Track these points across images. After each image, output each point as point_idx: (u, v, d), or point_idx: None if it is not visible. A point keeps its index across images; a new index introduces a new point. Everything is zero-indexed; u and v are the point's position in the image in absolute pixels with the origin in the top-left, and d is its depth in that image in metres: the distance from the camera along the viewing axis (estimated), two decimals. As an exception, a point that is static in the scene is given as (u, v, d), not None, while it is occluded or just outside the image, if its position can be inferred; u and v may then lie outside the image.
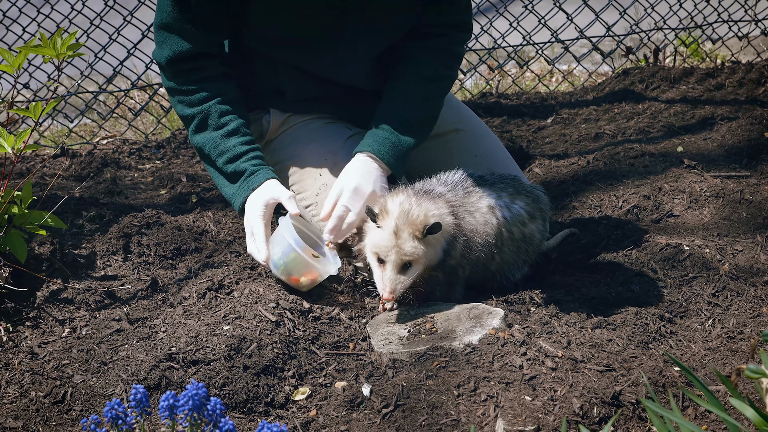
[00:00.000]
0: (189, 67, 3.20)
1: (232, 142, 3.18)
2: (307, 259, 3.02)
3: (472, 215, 3.10)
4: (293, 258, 3.03)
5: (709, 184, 3.74)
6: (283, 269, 3.05)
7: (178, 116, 3.28)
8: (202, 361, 2.79)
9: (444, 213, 3.01)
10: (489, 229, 3.11)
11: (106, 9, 4.70)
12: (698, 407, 2.66)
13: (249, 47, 3.31)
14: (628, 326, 2.94)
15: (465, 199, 3.11)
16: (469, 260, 3.11)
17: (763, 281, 3.20)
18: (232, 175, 3.18)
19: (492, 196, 3.15)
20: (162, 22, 3.17)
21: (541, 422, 2.54)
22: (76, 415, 2.75)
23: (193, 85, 3.21)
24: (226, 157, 3.18)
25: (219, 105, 3.20)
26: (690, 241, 3.41)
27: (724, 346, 2.91)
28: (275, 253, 3.05)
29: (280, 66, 3.33)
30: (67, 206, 3.67)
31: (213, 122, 3.19)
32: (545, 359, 2.74)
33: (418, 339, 2.88)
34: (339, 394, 2.77)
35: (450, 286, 3.12)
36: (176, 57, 3.18)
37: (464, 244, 3.07)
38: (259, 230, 3.08)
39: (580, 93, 5.12)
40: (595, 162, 4.06)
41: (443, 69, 3.32)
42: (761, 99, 4.70)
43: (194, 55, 3.19)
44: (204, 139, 3.20)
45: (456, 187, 3.13)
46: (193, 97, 3.21)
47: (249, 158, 3.18)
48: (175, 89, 3.23)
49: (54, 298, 3.19)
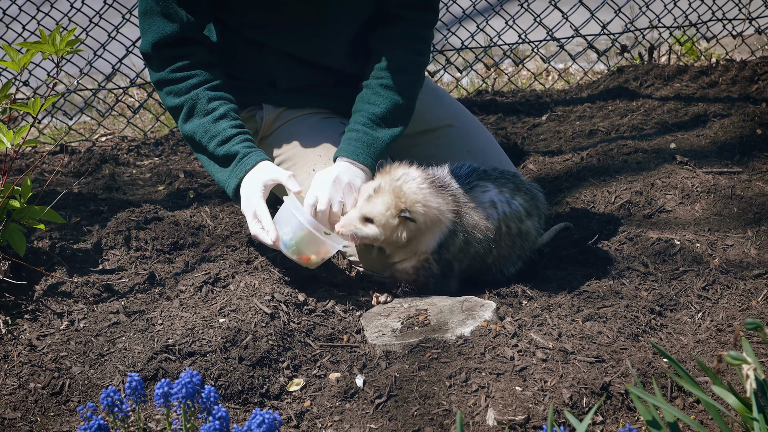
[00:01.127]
0: (175, 53, 3.22)
1: (222, 126, 3.20)
2: (319, 236, 3.03)
3: (475, 210, 3.14)
4: (305, 235, 3.03)
5: (701, 179, 3.78)
6: (295, 248, 3.06)
7: (168, 110, 3.29)
8: (198, 353, 2.83)
9: (445, 209, 3.06)
10: (490, 224, 3.15)
11: (106, 7, 4.74)
12: (686, 398, 2.70)
13: (236, 34, 3.33)
14: (619, 319, 2.98)
15: (471, 194, 3.15)
16: (468, 254, 3.15)
17: (752, 275, 3.25)
18: (224, 158, 3.19)
19: (495, 191, 3.19)
20: (145, 7, 3.19)
21: (531, 412, 2.59)
22: (73, 406, 2.79)
23: (181, 72, 3.22)
24: (217, 140, 3.18)
25: (207, 91, 3.22)
26: (681, 236, 3.45)
27: (713, 338, 2.95)
28: (285, 233, 3.05)
29: (268, 52, 3.35)
30: (66, 201, 3.72)
31: (202, 108, 3.21)
32: (536, 351, 2.79)
33: (411, 331, 2.92)
34: (333, 385, 2.81)
35: (445, 279, 3.16)
36: (161, 41, 3.19)
37: (464, 239, 3.12)
38: (263, 211, 3.07)
39: (575, 91, 5.16)
40: (589, 158, 4.10)
41: (414, 56, 3.34)
42: (754, 96, 4.73)
43: (180, 39, 3.20)
44: (194, 126, 3.22)
45: (464, 181, 3.17)
46: (181, 85, 3.22)
47: (240, 140, 3.19)
48: (162, 80, 3.24)
49: (52, 291, 3.23)
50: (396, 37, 3.32)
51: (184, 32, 3.20)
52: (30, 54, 3.10)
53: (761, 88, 4.82)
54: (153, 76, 3.28)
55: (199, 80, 3.23)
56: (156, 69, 3.25)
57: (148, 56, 3.26)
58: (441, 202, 3.06)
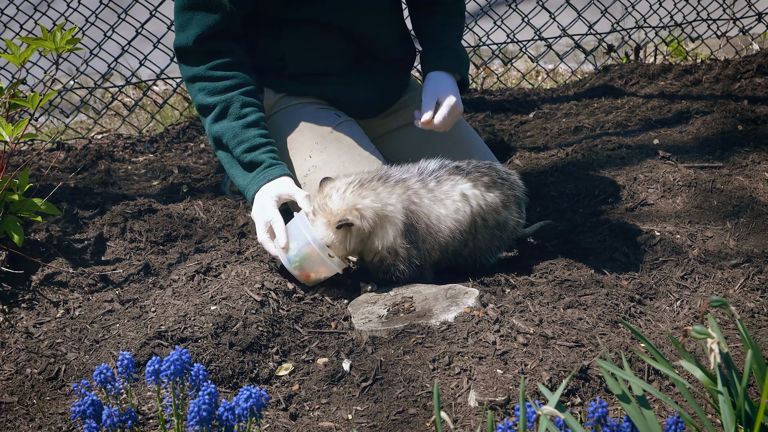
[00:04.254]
0: (216, 48, 3.30)
1: (252, 133, 3.28)
2: (323, 257, 3.13)
3: (442, 202, 3.21)
4: (309, 253, 3.13)
5: (682, 174, 3.87)
6: (297, 264, 3.15)
7: (197, 106, 3.35)
8: (190, 339, 2.92)
9: (389, 201, 3.14)
10: (460, 216, 3.23)
11: (102, 7, 4.82)
12: (663, 380, 2.79)
13: (261, 15, 3.41)
14: (599, 306, 3.07)
15: (437, 187, 3.23)
16: (437, 246, 3.24)
17: (730, 265, 3.33)
18: (249, 164, 3.28)
19: (467, 185, 3.26)
20: (185, 2, 3.26)
21: (512, 393, 2.67)
22: (69, 390, 2.87)
23: (219, 70, 3.30)
24: (245, 146, 3.27)
25: (242, 96, 3.30)
26: (662, 228, 3.54)
27: (691, 325, 3.02)
28: (291, 248, 3.14)
29: (289, 31, 3.45)
30: (62, 195, 3.81)
31: (234, 112, 3.29)
32: (517, 336, 2.87)
33: (396, 317, 3.01)
34: (321, 369, 2.90)
35: (419, 271, 3.24)
36: (204, 34, 3.27)
37: (425, 230, 3.20)
38: (278, 221, 3.16)
39: (562, 89, 5.25)
40: (574, 154, 4.19)
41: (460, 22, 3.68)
42: (736, 94, 4.82)
43: (222, 30, 3.28)
44: (224, 128, 3.30)
45: (429, 175, 3.24)
46: (217, 84, 3.30)
47: (267, 150, 3.29)
48: (198, 76, 3.31)
49: (49, 281, 3.32)
50: (442, 14, 3.60)
51: (226, 22, 3.28)
52: (31, 49, 3.17)
53: (743, 86, 4.91)
54: (187, 71, 3.34)
55: (236, 83, 3.31)
56: (193, 64, 3.32)
57: (186, 50, 3.32)
58: (378, 198, 3.13)
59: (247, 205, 3.85)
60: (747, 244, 3.48)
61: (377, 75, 3.62)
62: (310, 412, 2.76)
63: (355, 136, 3.53)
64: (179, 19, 3.30)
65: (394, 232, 3.14)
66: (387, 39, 3.58)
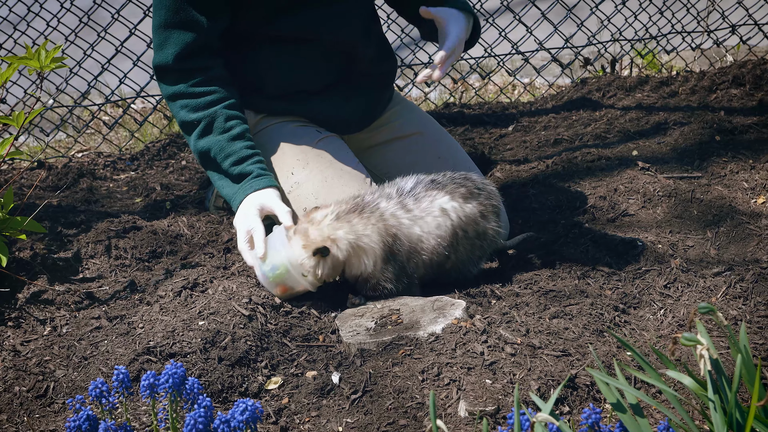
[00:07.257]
0: (196, 65, 3.32)
1: (238, 146, 3.31)
2: (296, 276, 3.14)
3: (423, 220, 3.23)
4: (284, 271, 3.15)
5: (662, 184, 3.91)
6: (273, 279, 3.16)
7: (179, 123, 3.36)
8: (178, 354, 2.92)
9: (363, 233, 3.16)
10: (442, 231, 3.24)
11: (81, 25, 4.82)
12: (649, 389, 2.82)
13: (242, 33, 3.42)
14: (584, 316, 3.10)
15: (416, 205, 3.24)
16: (421, 264, 3.26)
17: (711, 273, 3.37)
18: (238, 176, 3.30)
19: (445, 198, 3.26)
20: (162, 20, 3.28)
21: (501, 403, 2.69)
22: (58, 407, 2.87)
23: (200, 86, 3.32)
24: (232, 159, 3.30)
25: (225, 110, 3.32)
26: (644, 238, 3.58)
27: (675, 333, 3.07)
28: (268, 260, 3.16)
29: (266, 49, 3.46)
30: (46, 213, 3.80)
31: (219, 126, 3.31)
32: (505, 346, 2.90)
33: (384, 330, 3.03)
34: (310, 382, 2.91)
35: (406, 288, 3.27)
36: (183, 52, 3.29)
37: (409, 250, 3.22)
38: (259, 230, 3.19)
39: (540, 102, 5.29)
40: (554, 166, 4.23)
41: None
42: (713, 105, 4.88)
43: (200, 47, 3.29)
44: (209, 143, 3.32)
45: (407, 196, 3.25)
46: (199, 100, 3.32)
47: (255, 161, 3.32)
48: (180, 93, 3.33)
49: (35, 299, 3.31)
50: None
51: (204, 39, 3.30)
52: (13, 68, 3.18)
53: (719, 97, 4.97)
54: (167, 90, 3.35)
55: (218, 97, 3.33)
56: (173, 82, 3.34)
57: (166, 69, 3.33)
58: (353, 230, 3.15)
59: (231, 220, 3.86)
60: (728, 253, 3.52)
61: (360, 90, 3.64)
62: (301, 425, 2.77)
63: (337, 151, 3.54)
64: (157, 37, 3.32)
65: (373, 259, 3.17)
66: (370, 53, 3.60)
